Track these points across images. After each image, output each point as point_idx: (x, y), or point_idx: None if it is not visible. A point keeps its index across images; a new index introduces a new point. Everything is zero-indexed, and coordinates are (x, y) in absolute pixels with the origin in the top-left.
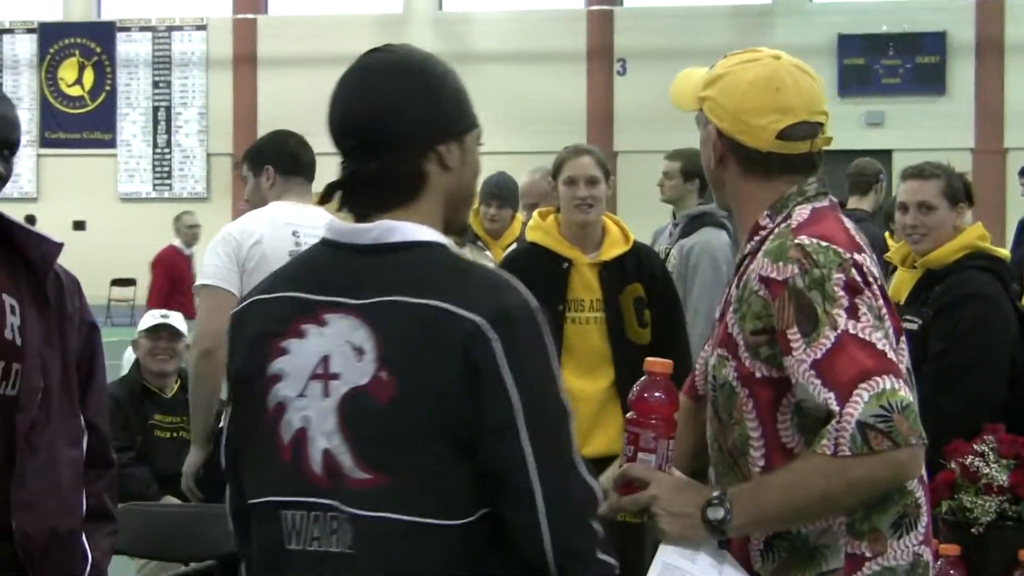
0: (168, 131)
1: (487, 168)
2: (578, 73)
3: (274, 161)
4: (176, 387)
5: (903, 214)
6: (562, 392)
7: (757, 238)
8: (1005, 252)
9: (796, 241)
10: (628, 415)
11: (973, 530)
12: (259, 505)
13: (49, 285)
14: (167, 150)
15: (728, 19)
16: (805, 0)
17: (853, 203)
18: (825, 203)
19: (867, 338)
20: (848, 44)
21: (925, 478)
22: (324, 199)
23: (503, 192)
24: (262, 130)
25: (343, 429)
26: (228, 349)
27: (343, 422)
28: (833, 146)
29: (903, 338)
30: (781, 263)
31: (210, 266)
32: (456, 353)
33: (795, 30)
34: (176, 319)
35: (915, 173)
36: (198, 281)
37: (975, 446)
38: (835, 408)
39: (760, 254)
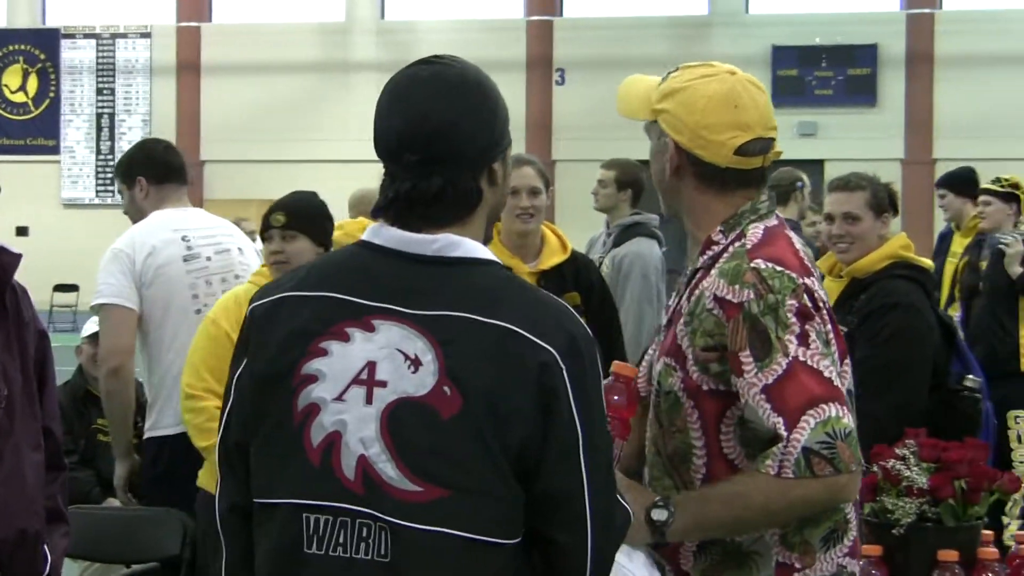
0: (112, 138)
1: None
2: (518, 82)
3: (144, 171)
4: None
5: (830, 224)
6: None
7: (710, 253)
8: (928, 262)
9: (752, 265)
10: None
11: (894, 531)
12: (276, 505)
13: (7, 294)
14: (111, 156)
15: (665, 29)
16: (741, 11)
17: None
18: (774, 221)
19: (815, 366)
20: (782, 55)
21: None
22: (379, 211)
23: None
24: (206, 136)
25: (386, 437)
26: (248, 342)
27: (386, 430)
28: None
29: (848, 359)
30: (737, 286)
31: (104, 285)
32: (530, 379)
33: (731, 41)
34: None
35: (841, 185)
36: (95, 301)
37: (897, 450)
38: (783, 433)
39: (715, 272)
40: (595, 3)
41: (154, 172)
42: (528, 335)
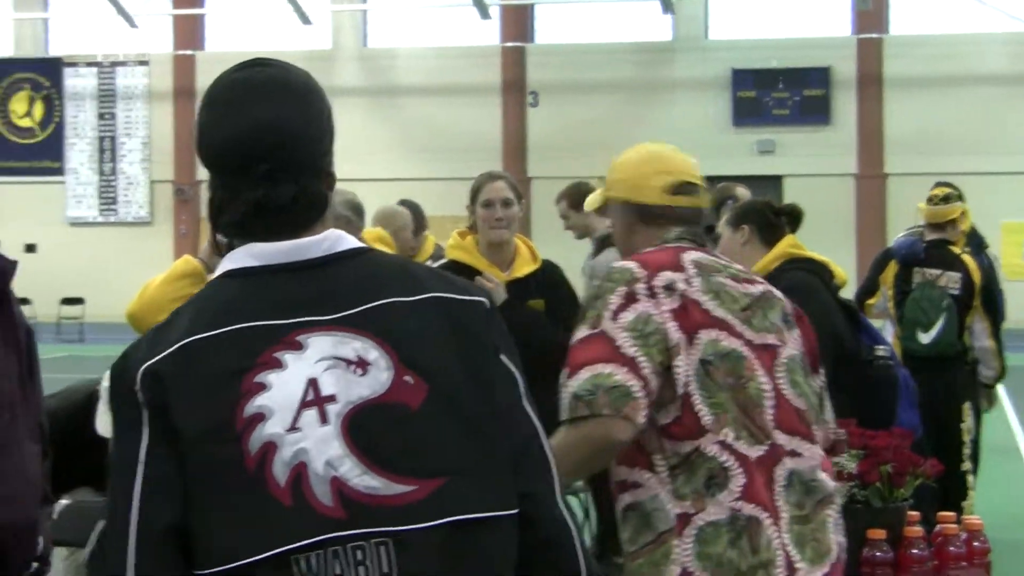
0: (113, 159)
1: (412, 193)
2: (494, 104)
3: None
4: None
5: None
6: None
7: None
8: (822, 258)
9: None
10: None
11: None
12: (257, 563)
13: (4, 298)
14: (112, 177)
15: (631, 55)
16: (701, 37)
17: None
18: (681, 243)
19: (613, 335)
20: (741, 78)
21: (735, 448)
22: (228, 228)
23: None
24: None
25: (354, 450)
26: (161, 401)
27: (352, 443)
28: (728, 172)
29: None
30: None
31: None
32: (477, 337)
33: (692, 65)
34: None
35: None
36: None
37: None
38: (564, 381)
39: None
40: (565, 30)
41: None
42: (457, 296)
